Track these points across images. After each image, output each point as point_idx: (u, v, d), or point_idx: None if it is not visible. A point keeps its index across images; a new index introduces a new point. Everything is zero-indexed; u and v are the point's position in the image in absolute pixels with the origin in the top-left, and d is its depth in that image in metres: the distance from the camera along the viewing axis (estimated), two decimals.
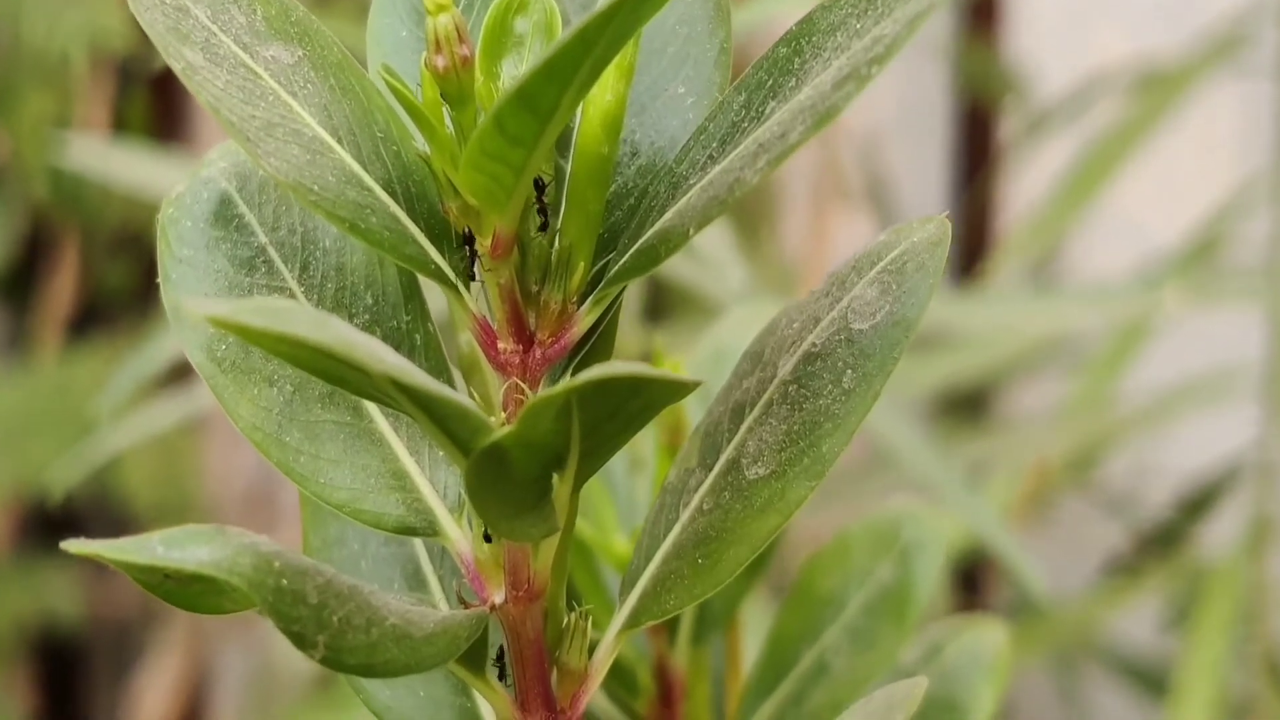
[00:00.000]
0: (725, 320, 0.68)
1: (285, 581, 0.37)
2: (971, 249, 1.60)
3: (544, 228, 0.42)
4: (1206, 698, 1.16)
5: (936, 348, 1.31)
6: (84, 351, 1.60)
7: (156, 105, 1.66)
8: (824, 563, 0.62)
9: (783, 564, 1.00)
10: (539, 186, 0.42)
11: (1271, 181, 1.31)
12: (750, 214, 1.50)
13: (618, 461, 0.63)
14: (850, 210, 1.59)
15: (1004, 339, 1.30)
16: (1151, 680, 1.36)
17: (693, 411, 0.60)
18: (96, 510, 1.63)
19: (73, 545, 0.37)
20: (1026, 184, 1.59)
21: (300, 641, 0.37)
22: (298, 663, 1.31)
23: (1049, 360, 1.46)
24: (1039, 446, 1.31)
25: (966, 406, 1.51)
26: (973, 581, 1.49)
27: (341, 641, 0.38)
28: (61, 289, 1.66)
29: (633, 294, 1.04)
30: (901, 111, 1.67)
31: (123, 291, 1.68)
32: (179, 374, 1.41)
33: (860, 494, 1.21)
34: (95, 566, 1.73)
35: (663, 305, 1.36)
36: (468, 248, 0.42)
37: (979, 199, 1.61)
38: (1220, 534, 1.37)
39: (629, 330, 1.01)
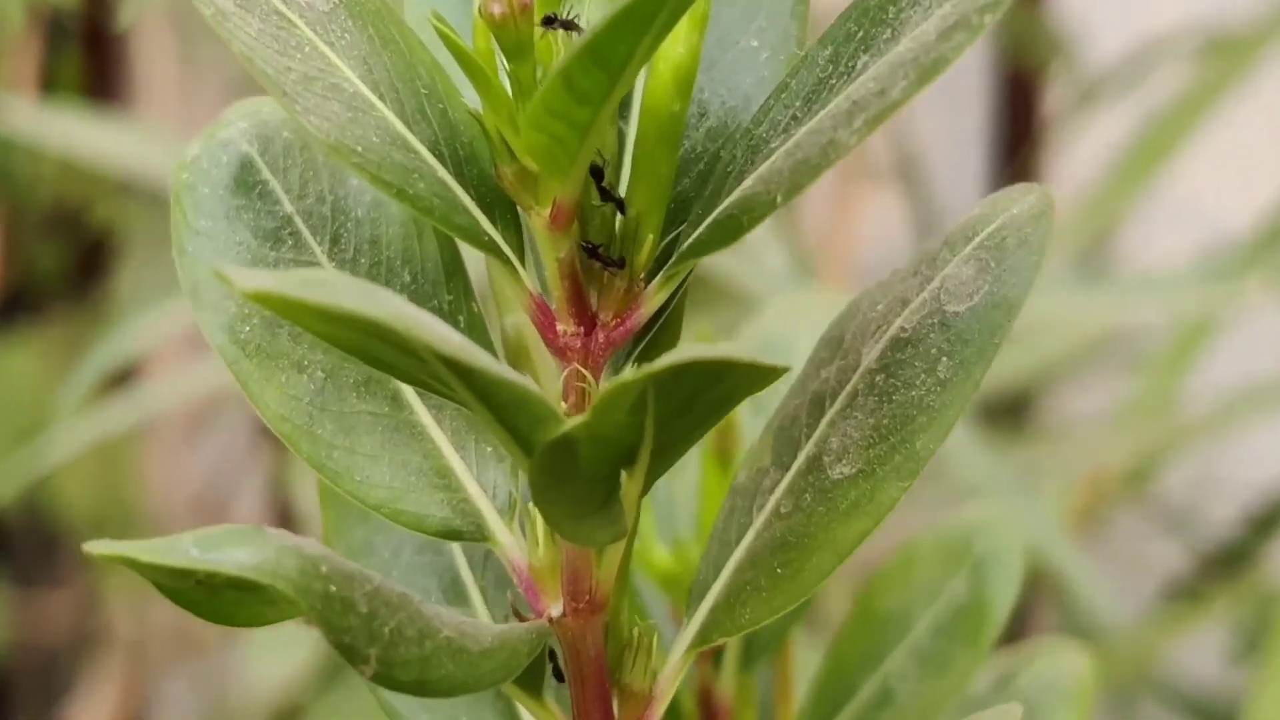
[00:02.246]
0: (771, 308, 0.69)
1: (334, 588, 0.37)
2: None
3: (606, 196, 0.43)
4: None
5: None
6: (11, 344, 1.60)
7: (91, 67, 1.66)
8: (888, 579, 0.63)
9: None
10: (598, 174, 0.42)
11: None
12: None
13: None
14: (878, 189, 1.59)
15: (1050, 335, 1.31)
16: (1216, 718, 1.37)
17: (740, 412, 0.60)
18: (26, 522, 1.63)
19: (97, 547, 0.37)
20: (1076, 161, 1.60)
21: (351, 654, 0.37)
22: (255, 696, 1.32)
23: (1102, 360, 1.47)
24: (1091, 456, 1.32)
25: (1008, 412, 1.52)
26: (1016, 605, 1.50)
27: (394, 655, 0.38)
28: None
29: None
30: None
31: (55, 276, 1.68)
32: (120, 375, 1.41)
33: (906, 505, 1.22)
34: (20, 585, 1.73)
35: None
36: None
37: (1022, 177, 1.61)
38: None
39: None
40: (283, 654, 1.25)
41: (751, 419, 0.59)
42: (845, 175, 1.55)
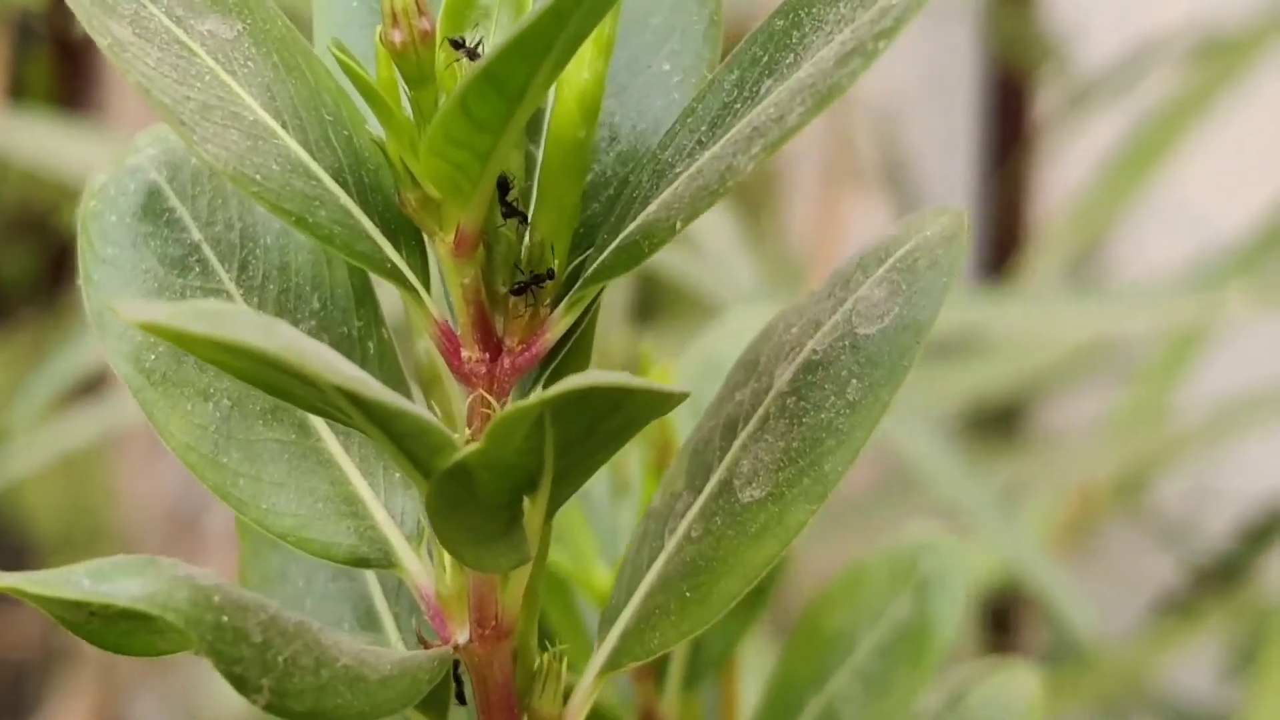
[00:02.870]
0: (720, 324, 0.69)
1: (226, 618, 0.38)
2: (1003, 241, 1.61)
3: (515, 220, 0.44)
4: None
5: (964, 355, 1.32)
6: None
7: (61, 69, 1.67)
8: (833, 598, 0.63)
9: (785, 600, 1.02)
10: (502, 180, 0.43)
11: None
12: (751, 199, 1.51)
13: (599, 484, 0.65)
14: (865, 194, 1.60)
15: (1041, 346, 1.32)
16: None
17: (684, 427, 0.61)
18: None
19: None
20: (1067, 166, 1.61)
21: (242, 685, 0.38)
22: (225, 711, 1.32)
23: (1093, 370, 1.48)
24: (1081, 468, 1.33)
25: (998, 422, 1.53)
26: (1005, 621, 1.51)
27: (288, 684, 0.39)
28: None
29: (618, 291, 1.05)
30: (925, 81, 1.69)
31: (21, 283, 1.69)
32: (92, 383, 1.42)
33: (875, 521, 1.23)
34: None
35: (654, 303, 1.37)
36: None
37: (1012, 183, 1.63)
38: None
39: (614, 332, 1.03)
40: None
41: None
42: (832, 179, 1.56)
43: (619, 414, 0.40)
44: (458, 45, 0.43)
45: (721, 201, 0.43)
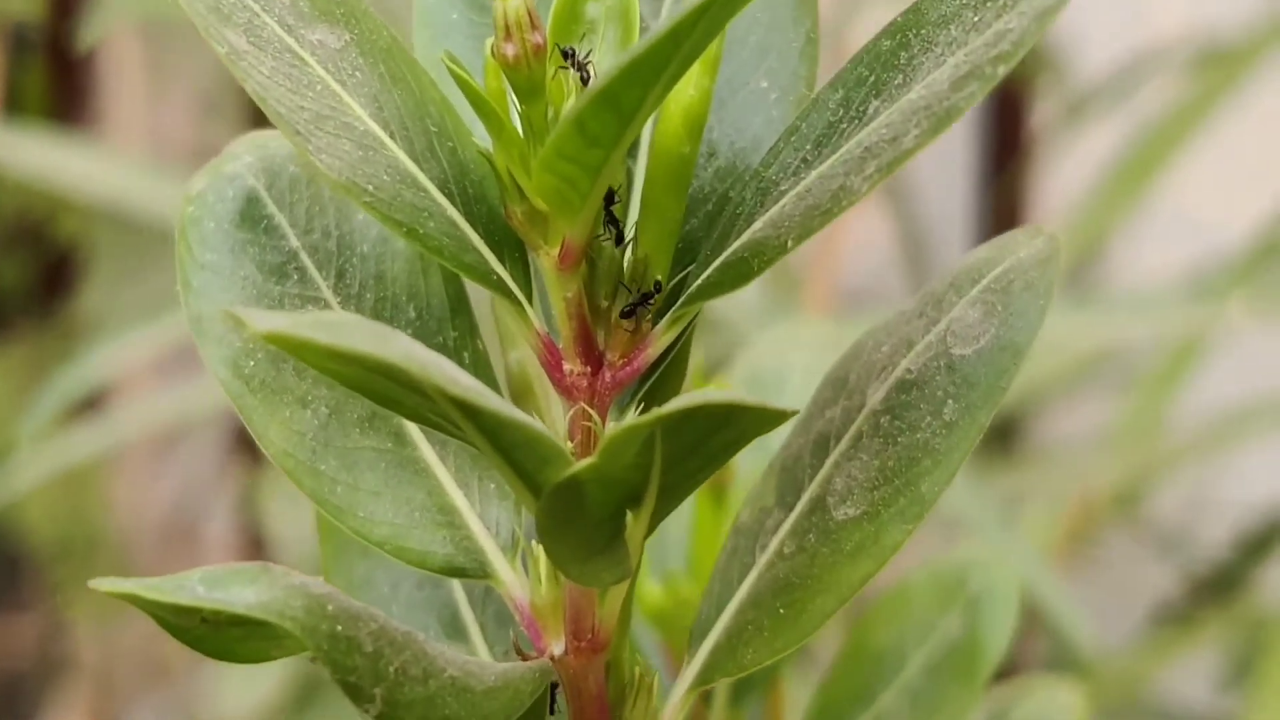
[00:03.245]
0: (761, 341, 0.70)
1: (340, 627, 0.38)
2: None
3: (618, 239, 0.44)
4: None
5: None
6: None
7: (57, 81, 1.66)
8: (880, 615, 0.64)
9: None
10: (609, 194, 0.43)
11: None
12: None
13: None
14: (862, 206, 1.60)
15: (1039, 356, 1.32)
16: None
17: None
18: None
19: (104, 583, 0.38)
20: (1065, 176, 1.62)
21: (356, 694, 0.38)
22: (235, 715, 1.32)
23: (1091, 380, 1.48)
24: (1080, 478, 1.33)
25: (996, 433, 1.53)
26: None
27: (398, 694, 0.39)
28: None
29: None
30: None
31: (17, 292, 1.68)
32: (88, 398, 1.42)
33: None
34: None
35: None
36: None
37: (1010, 192, 1.63)
38: None
39: None
40: (252, 681, 1.26)
41: (746, 454, 0.60)
42: None
43: (728, 431, 0.41)
44: (568, 56, 0.43)
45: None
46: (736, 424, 0.40)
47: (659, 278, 0.44)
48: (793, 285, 1.42)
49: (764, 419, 0.41)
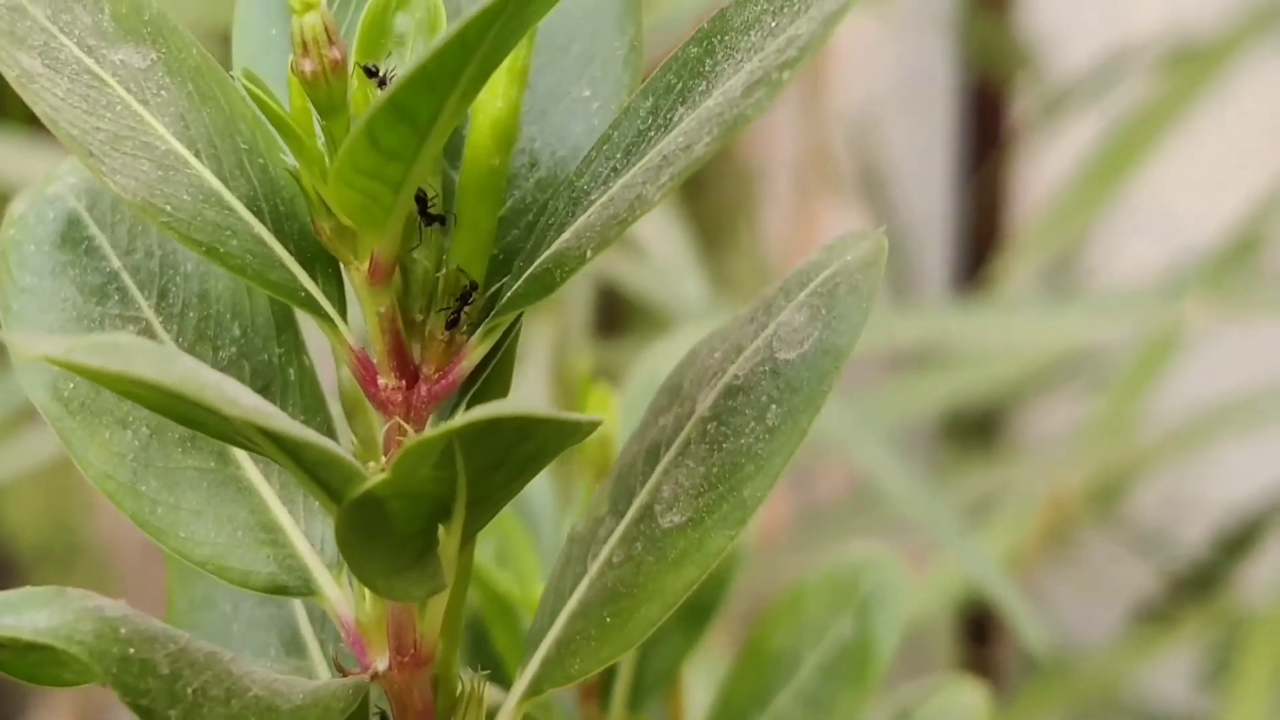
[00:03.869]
0: (665, 343, 0.70)
1: (133, 650, 0.38)
2: (979, 248, 1.62)
3: (431, 247, 0.44)
4: None
5: (939, 365, 1.33)
6: None
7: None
8: (776, 617, 0.64)
9: (748, 615, 1.02)
10: (421, 203, 0.43)
11: None
12: (724, 208, 1.51)
13: (545, 504, 0.65)
14: (842, 202, 1.60)
15: (1016, 354, 1.32)
16: None
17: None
18: None
19: None
20: (1043, 172, 1.61)
21: (149, 717, 0.38)
22: None
23: (1067, 378, 1.48)
24: (1056, 476, 1.33)
25: (974, 431, 1.53)
26: (983, 632, 1.51)
27: (197, 715, 0.39)
28: None
29: (578, 308, 1.05)
30: (900, 88, 1.69)
31: None
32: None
33: (848, 532, 1.23)
34: None
35: (619, 317, 1.37)
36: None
37: (988, 189, 1.63)
38: (1264, 576, 1.38)
39: (575, 349, 1.03)
40: None
41: None
42: (808, 187, 1.56)
43: (529, 443, 0.41)
44: (371, 74, 0.43)
45: (670, 217, 0.43)
46: (536, 436, 0.40)
47: (468, 287, 0.44)
48: (764, 280, 1.42)
49: (564, 430, 0.41)
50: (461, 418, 0.38)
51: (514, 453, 0.41)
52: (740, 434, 0.44)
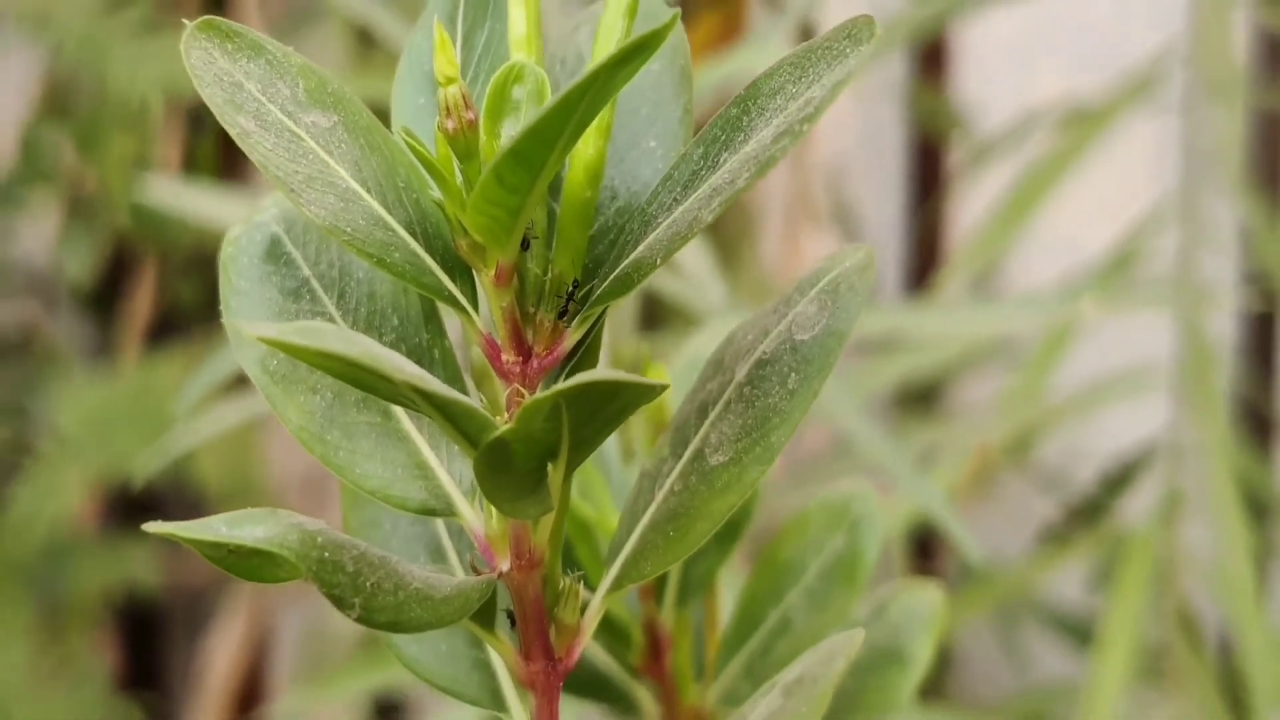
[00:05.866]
0: (703, 332, 0.70)
1: (326, 554, 0.39)
2: (923, 265, 1.61)
3: (537, 260, 0.44)
4: (1126, 647, 1.17)
5: (894, 350, 1.33)
6: (160, 358, 1.62)
7: (221, 148, 1.67)
8: (786, 536, 0.63)
9: (757, 538, 1.02)
10: (530, 228, 0.44)
11: (1179, 202, 1.33)
12: (733, 235, 1.52)
13: (613, 453, 0.65)
14: (819, 231, 1.60)
15: (951, 342, 1.32)
16: (1080, 632, 1.38)
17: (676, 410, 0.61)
18: (173, 494, 1.64)
19: (152, 527, 0.39)
20: (971, 207, 1.61)
21: (339, 603, 0.39)
22: (345, 626, 1.33)
23: (990, 359, 1.48)
24: (982, 433, 1.33)
25: (920, 400, 1.53)
26: (927, 549, 1.51)
27: (373, 602, 0.40)
28: (141, 304, 1.68)
29: (628, 308, 1.06)
30: (862, 146, 1.69)
31: (193, 306, 1.69)
32: (244, 379, 1.43)
33: (827, 478, 1.23)
34: (171, 542, 1.74)
35: (656, 316, 1.37)
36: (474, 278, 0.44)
37: (930, 221, 1.63)
38: (1137, 507, 1.38)
39: (624, 339, 1.03)
40: None
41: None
42: (794, 220, 1.56)
43: (616, 401, 0.41)
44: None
45: (698, 240, 0.43)
46: (621, 396, 0.41)
47: (569, 288, 0.44)
48: (763, 289, 1.42)
49: (641, 392, 0.41)
50: (565, 383, 0.38)
51: (604, 409, 0.41)
52: (768, 395, 0.44)
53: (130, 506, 1.65)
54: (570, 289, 0.44)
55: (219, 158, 1.67)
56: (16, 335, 1.69)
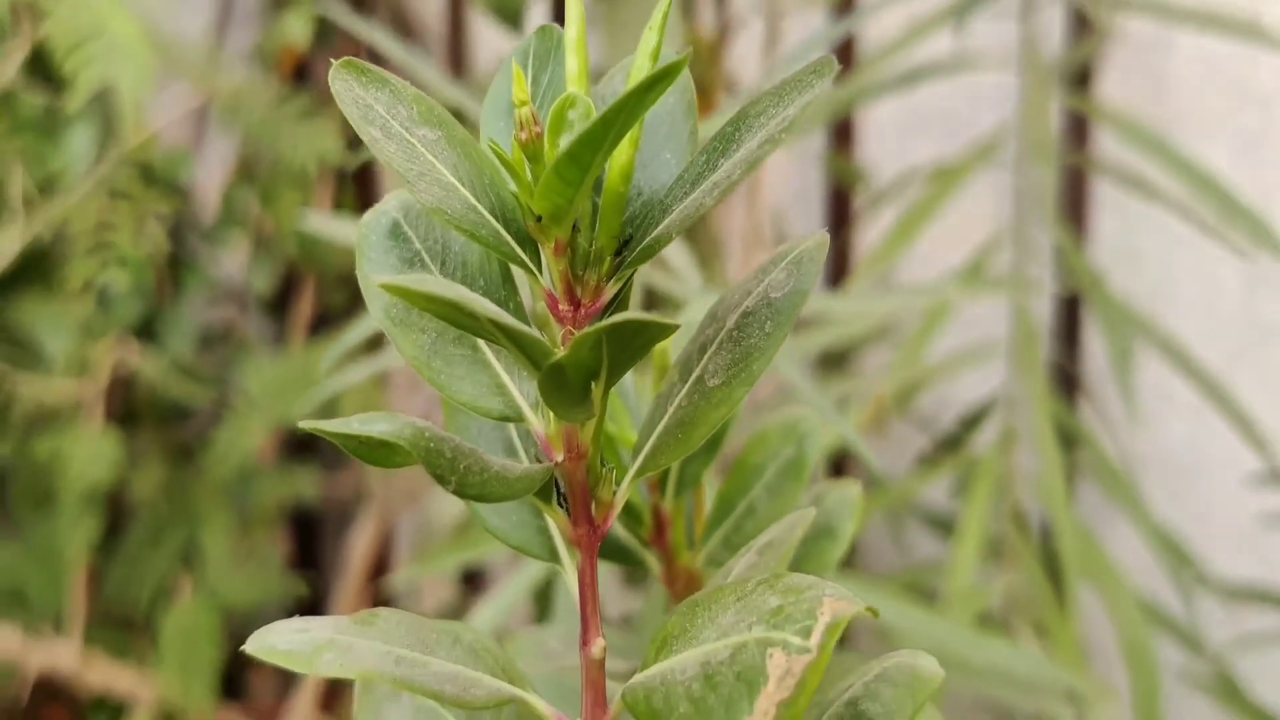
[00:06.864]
0: (691, 306, 0.67)
1: (432, 444, 0.36)
2: (838, 273, 1.58)
3: (584, 236, 0.41)
4: (977, 538, 1.15)
5: (817, 327, 1.30)
6: (317, 345, 1.60)
7: (359, 193, 1.65)
8: (752, 446, 0.61)
9: (727, 460, 1.00)
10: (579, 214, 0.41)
11: (1012, 230, 1.30)
12: (705, 255, 1.49)
13: (630, 386, 0.63)
14: (766, 251, 1.58)
15: (859, 321, 1.29)
16: (945, 526, 1.35)
17: (674, 354, 0.58)
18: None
19: (308, 424, 0.36)
20: (870, 235, 1.58)
21: (441, 480, 0.36)
22: (444, 519, 1.30)
23: (885, 335, 1.45)
24: (879, 387, 1.30)
25: (836, 362, 1.50)
26: (839, 468, 1.48)
27: (465, 480, 0.37)
28: (304, 307, 1.66)
29: (634, 297, 1.03)
30: (795, 196, 1.66)
31: (341, 308, 1.67)
32: (369, 348, 1.40)
33: (775, 413, 1.20)
34: (327, 466, 1.72)
35: (651, 303, 1.34)
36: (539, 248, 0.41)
37: (842, 245, 1.59)
38: (984, 440, 1.36)
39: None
40: (451, 499, 1.24)
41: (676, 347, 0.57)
42: (748, 246, 1.53)
43: (642, 336, 0.38)
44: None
45: (681, 247, 0.40)
46: (646, 332, 0.38)
47: (609, 258, 0.42)
48: (723, 278, 1.40)
49: (661, 329, 0.38)
50: (606, 320, 0.36)
51: (633, 341, 0.38)
52: (751, 337, 0.42)
53: (296, 445, 1.64)
54: (610, 257, 0.41)
55: (358, 204, 1.65)
56: (220, 330, 1.68)
